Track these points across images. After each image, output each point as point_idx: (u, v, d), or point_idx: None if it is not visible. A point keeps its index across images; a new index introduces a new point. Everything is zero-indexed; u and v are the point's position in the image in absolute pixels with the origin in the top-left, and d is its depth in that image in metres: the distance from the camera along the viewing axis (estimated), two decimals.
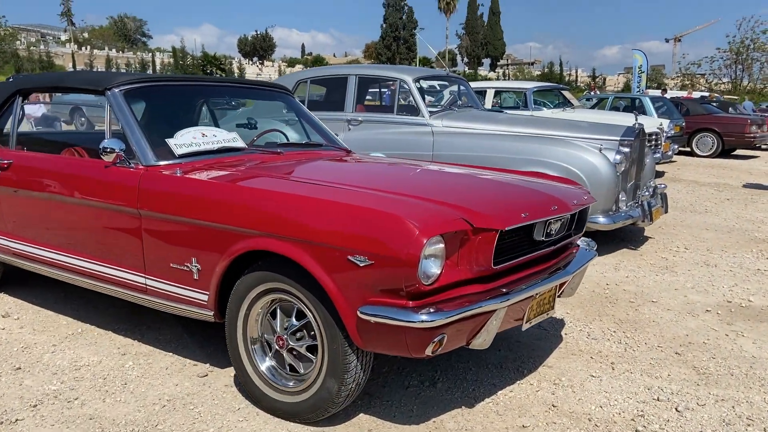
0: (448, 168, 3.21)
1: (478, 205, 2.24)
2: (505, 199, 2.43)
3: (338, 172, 2.93)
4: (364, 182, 2.56)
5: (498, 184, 2.68)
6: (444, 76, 6.35)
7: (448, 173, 3.00)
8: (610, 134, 5.26)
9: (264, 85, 3.92)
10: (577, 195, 2.72)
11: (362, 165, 3.18)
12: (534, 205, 2.38)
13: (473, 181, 2.76)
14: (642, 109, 11.92)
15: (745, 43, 43.67)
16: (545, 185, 2.80)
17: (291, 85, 6.40)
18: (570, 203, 2.53)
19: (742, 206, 7.57)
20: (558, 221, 2.51)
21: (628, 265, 4.82)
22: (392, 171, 3.05)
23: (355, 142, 5.96)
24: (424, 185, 2.57)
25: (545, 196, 2.50)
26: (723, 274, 4.61)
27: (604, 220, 4.90)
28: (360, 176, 2.78)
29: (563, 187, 2.86)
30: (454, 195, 2.39)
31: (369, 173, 2.95)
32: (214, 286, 2.48)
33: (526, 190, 2.60)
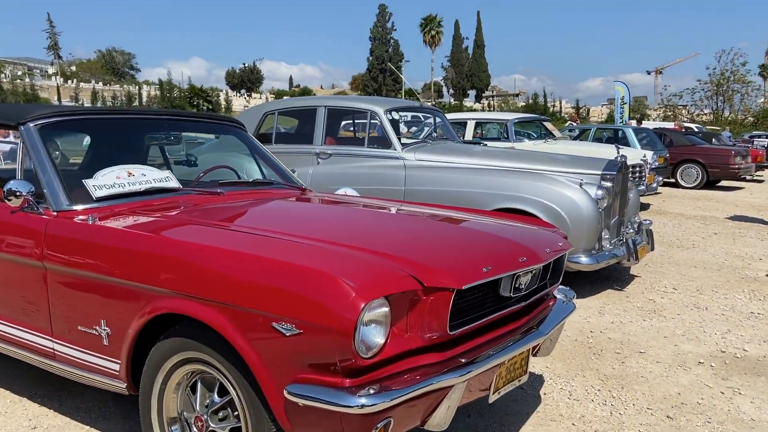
0: (408, 207, 2.89)
1: (431, 258, 1.90)
2: (466, 249, 2.09)
3: (278, 216, 2.59)
4: (303, 230, 2.22)
5: (459, 230, 2.33)
6: (418, 107, 6.09)
7: (404, 217, 2.65)
8: (592, 168, 4.98)
9: (214, 119, 3.59)
10: (551, 241, 2.39)
11: (310, 208, 2.84)
12: (499, 257, 2.05)
13: (431, 226, 2.42)
14: (625, 140, 11.78)
15: (725, 75, 44.49)
16: (515, 230, 2.47)
17: (258, 117, 6.11)
18: (542, 252, 2.20)
19: (730, 241, 7.31)
20: (528, 273, 2.17)
21: (614, 309, 4.48)
22: (341, 215, 2.71)
23: (324, 177, 5.66)
24: (372, 232, 2.22)
25: (513, 245, 2.17)
26: (715, 319, 4.28)
27: (587, 260, 4.58)
28: (301, 222, 2.43)
29: (536, 231, 2.53)
30: (406, 245, 2.06)
31: (313, 218, 2.60)
32: (126, 353, 2.10)
33: (490, 237, 2.26)
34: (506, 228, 2.48)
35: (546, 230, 2.61)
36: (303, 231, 2.17)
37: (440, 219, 2.57)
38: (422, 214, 2.69)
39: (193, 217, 2.36)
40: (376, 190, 5.35)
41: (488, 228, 2.45)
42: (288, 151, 5.93)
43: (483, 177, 4.97)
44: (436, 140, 5.93)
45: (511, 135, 10.03)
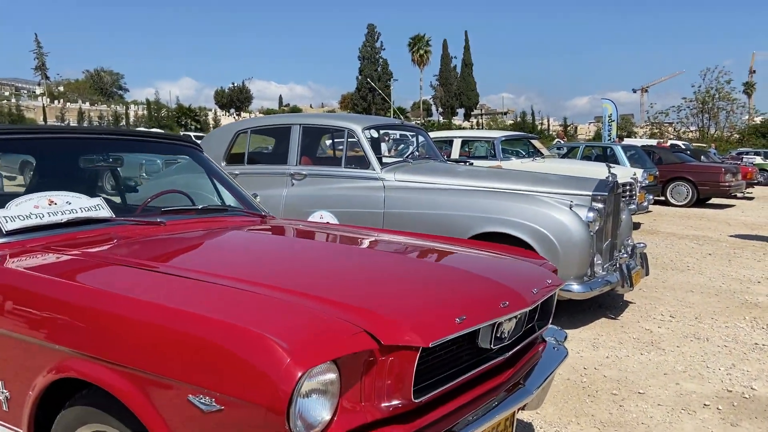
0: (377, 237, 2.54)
1: (393, 307, 1.56)
2: (436, 294, 1.74)
3: (218, 253, 2.23)
4: (242, 271, 1.86)
5: (431, 268, 1.98)
6: (398, 125, 5.80)
7: (369, 252, 2.29)
8: (582, 188, 4.67)
9: (164, 138, 3.24)
10: (539, 278, 2.06)
11: (261, 240, 2.48)
12: (476, 302, 1.71)
13: (398, 264, 2.06)
14: (614, 158, 11.56)
15: (710, 93, 44.93)
16: (498, 265, 2.14)
17: (229, 136, 5.78)
18: (528, 294, 1.86)
19: (725, 262, 7.02)
20: (512, 319, 1.83)
21: (608, 341, 4.14)
22: (295, 250, 2.35)
23: (298, 200, 5.32)
24: (327, 274, 1.86)
25: (494, 287, 1.83)
26: (717, 351, 3.96)
27: (579, 288, 4.25)
28: (244, 260, 2.07)
29: (522, 266, 2.20)
30: (365, 289, 1.71)
31: (261, 254, 2.24)
32: (28, 421, 1.73)
33: (467, 276, 1.91)
34: (487, 263, 2.15)
35: (533, 263, 2.28)
36: (242, 272, 1.82)
37: (411, 253, 2.23)
38: (392, 247, 2.35)
39: (117, 255, 2.00)
40: (353, 213, 5.02)
41: (466, 264, 2.11)
42: (261, 172, 5.60)
43: (466, 199, 4.65)
44: (417, 159, 5.62)
45: (498, 153, 9.78)
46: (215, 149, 5.84)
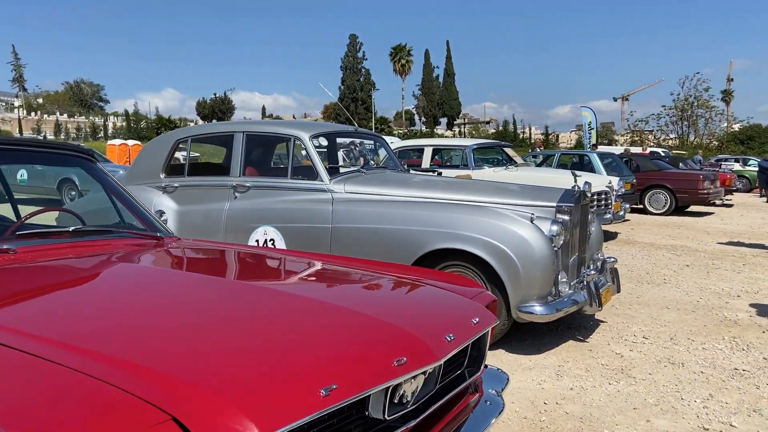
0: (279, 265, 2.11)
1: (230, 380, 1.12)
2: (305, 353, 1.28)
3: (46, 297, 1.74)
4: (53, 326, 1.40)
5: (315, 314, 1.51)
6: (352, 132, 5.39)
7: (248, 292, 1.77)
8: (545, 199, 4.29)
9: (51, 147, 2.77)
10: (461, 320, 1.64)
11: (118, 277, 1.99)
12: (357, 364, 1.28)
13: (276, 311, 1.56)
14: (590, 166, 11.28)
15: (689, 101, 45.29)
16: (414, 304, 1.71)
17: (169, 145, 5.33)
18: (438, 344, 1.44)
19: (703, 274, 6.69)
20: (421, 375, 1.41)
21: (574, 368, 3.74)
22: (151, 291, 1.83)
23: (240, 214, 4.86)
24: (164, 329, 1.37)
25: (391, 337, 1.41)
26: (693, 379, 3.57)
27: (542, 310, 3.85)
28: (68, 308, 1.57)
29: (446, 302, 1.78)
30: (207, 353, 1.26)
31: (100, 299, 1.72)
32: None
33: (360, 323, 1.48)
34: (401, 301, 1.73)
35: (463, 296, 1.86)
36: (52, 326, 1.37)
37: (309, 290, 1.79)
38: (289, 282, 1.90)
39: None
40: (299, 229, 4.59)
41: (370, 304, 1.68)
42: (202, 184, 5.16)
43: (419, 212, 4.24)
44: (372, 169, 5.21)
45: (470, 162, 9.43)
46: (153, 160, 5.40)
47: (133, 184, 5.47)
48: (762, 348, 4.15)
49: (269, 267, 2.13)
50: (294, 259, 2.22)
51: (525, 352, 4.03)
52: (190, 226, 5.04)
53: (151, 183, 5.31)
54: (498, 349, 4.05)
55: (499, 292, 3.92)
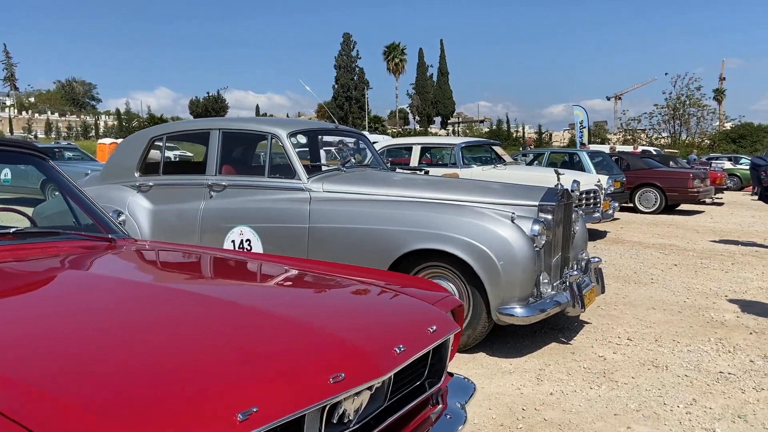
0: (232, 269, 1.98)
1: (114, 402, 0.99)
2: (225, 374, 1.15)
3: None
4: None
5: (251, 325, 1.36)
6: (332, 129, 5.26)
7: (185, 301, 1.60)
8: (527, 198, 4.18)
9: (4, 144, 2.62)
10: (416, 328, 1.52)
11: (54, 286, 1.86)
12: (284, 383, 1.15)
13: (187, 315, 1.41)
14: (580, 164, 11.19)
15: (681, 99, 45.37)
16: (368, 311, 1.59)
17: (144, 143, 5.18)
18: (383, 357, 1.32)
19: (692, 273, 6.60)
20: (362, 393, 1.29)
21: (556, 372, 3.63)
22: (72, 304, 1.67)
23: (216, 213, 4.72)
24: (60, 341, 1.23)
25: (329, 350, 1.28)
26: (677, 383, 3.47)
27: (522, 312, 3.74)
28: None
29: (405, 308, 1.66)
30: (98, 371, 1.13)
31: (31, 310, 1.60)
32: None
33: (288, 334, 1.34)
34: (355, 307, 1.61)
35: (422, 305, 1.74)
36: None
37: (234, 295, 1.64)
38: (238, 288, 1.77)
39: None
40: (276, 229, 4.46)
41: (307, 311, 1.53)
42: (177, 183, 5.02)
43: (399, 211, 4.12)
44: (352, 167, 5.09)
45: (459, 160, 9.33)
46: (128, 158, 5.26)
47: (107, 183, 5.34)
48: (748, 350, 4.06)
49: (215, 271, 2.00)
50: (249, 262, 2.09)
51: (506, 355, 3.92)
52: (164, 227, 4.91)
53: (126, 182, 5.17)
54: (479, 352, 3.94)
55: (479, 294, 3.81)
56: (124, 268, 2.07)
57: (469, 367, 3.69)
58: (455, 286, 3.91)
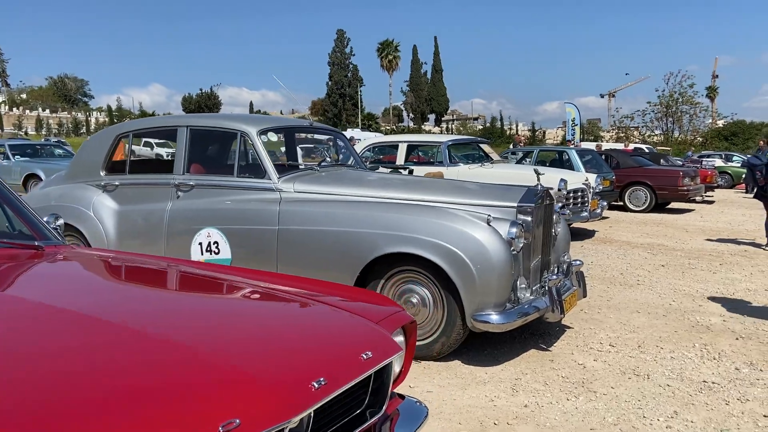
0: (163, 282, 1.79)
1: None
2: (60, 410, 0.95)
3: None
4: None
5: (128, 341, 1.17)
6: (306, 126, 5.07)
7: (64, 316, 1.36)
8: (505, 199, 4.01)
9: None
10: (344, 356, 1.36)
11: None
12: (161, 427, 0.97)
13: (64, 340, 1.21)
14: (569, 162, 11.04)
15: (674, 97, 45.30)
16: (280, 335, 1.41)
17: (110, 140, 4.98)
18: (297, 395, 1.14)
19: (679, 274, 6.46)
20: None
21: (532, 382, 3.47)
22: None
23: (183, 214, 4.50)
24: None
25: (225, 386, 1.10)
26: (658, 393, 3.31)
27: (498, 319, 3.58)
28: None
29: (334, 327, 1.48)
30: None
31: None
32: None
33: (177, 364, 1.15)
34: (267, 331, 1.41)
35: (361, 325, 1.55)
36: None
37: (136, 319, 1.42)
38: (132, 311, 1.54)
39: None
40: (245, 231, 4.28)
41: (213, 335, 1.34)
42: (143, 182, 4.82)
43: (371, 213, 3.95)
44: (327, 166, 4.90)
45: (445, 159, 9.14)
46: (94, 156, 5.06)
47: (72, 182, 5.14)
48: (734, 357, 3.91)
49: (132, 285, 1.81)
50: (178, 274, 1.91)
51: (482, 363, 3.75)
52: (130, 228, 4.72)
53: (91, 181, 4.97)
54: (454, 360, 3.77)
55: (453, 300, 3.64)
56: (31, 283, 1.88)
57: (443, 377, 3.52)
58: (429, 291, 3.75)
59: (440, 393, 3.28)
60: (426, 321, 3.76)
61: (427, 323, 3.76)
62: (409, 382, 3.40)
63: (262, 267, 4.16)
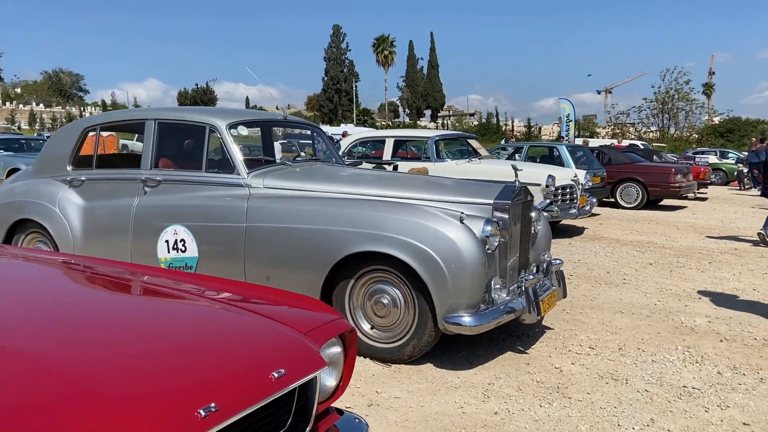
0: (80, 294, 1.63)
1: None
2: None
3: None
4: None
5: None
6: (280, 120, 4.90)
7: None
8: (481, 196, 3.86)
9: None
10: (248, 377, 1.19)
11: None
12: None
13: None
14: (560, 159, 10.89)
15: (670, 93, 45.17)
16: (175, 350, 1.25)
17: (77, 134, 4.81)
18: (181, 425, 0.98)
19: (666, 273, 6.32)
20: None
21: (505, 387, 3.32)
22: None
23: (150, 211, 4.32)
24: None
25: (95, 415, 0.94)
26: (635, 399, 3.17)
27: (470, 321, 3.42)
28: None
29: (246, 341, 1.33)
30: None
31: None
32: None
33: (47, 384, 1.00)
34: (163, 350, 1.25)
35: (281, 338, 1.40)
36: None
37: (18, 334, 1.27)
38: (23, 316, 1.39)
39: None
40: (212, 228, 4.12)
41: (102, 359, 1.17)
42: (110, 178, 4.66)
43: (341, 210, 3.79)
44: (302, 162, 4.74)
45: (432, 154, 8.98)
46: (61, 150, 4.89)
47: (38, 177, 4.97)
48: (717, 360, 3.77)
49: (31, 288, 1.64)
50: (92, 275, 1.74)
51: (455, 366, 3.60)
52: (96, 225, 4.56)
53: (58, 176, 4.80)
54: (426, 363, 3.62)
55: (424, 300, 3.49)
56: None
57: (413, 381, 3.38)
58: (400, 291, 3.60)
59: (408, 399, 3.14)
60: (397, 322, 3.62)
61: (398, 325, 3.62)
62: (377, 388, 3.26)
63: (230, 266, 4.01)
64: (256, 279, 3.94)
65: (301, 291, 3.83)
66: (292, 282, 3.82)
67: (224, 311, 1.45)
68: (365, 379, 3.38)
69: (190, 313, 1.43)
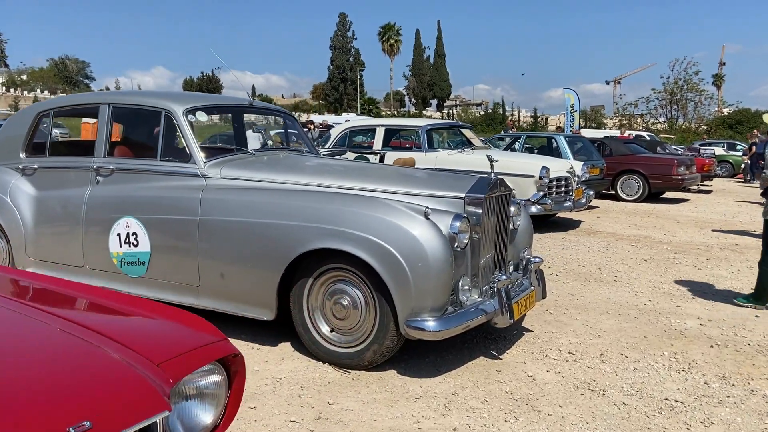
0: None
1: None
2: None
3: None
4: None
5: None
6: (245, 106, 4.60)
7: None
8: (452, 189, 3.55)
9: None
10: (43, 423, 0.90)
11: None
12: None
13: None
14: (558, 149, 10.54)
15: (679, 84, 44.42)
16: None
17: (30, 119, 4.54)
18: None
19: (661, 270, 6.01)
20: None
21: (470, 398, 3.04)
22: None
23: (102, 202, 4.03)
24: None
25: None
26: (611, 414, 2.88)
27: (434, 326, 3.14)
28: None
29: (57, 383, 1.04)
30: None
31: None
32: None
33: None
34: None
35: (125, 365, 1.12)
36: None
37: None
38: None
39: None
40: (164, 221, 3.85)
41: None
42: (62, 166, 4.39)
43: (300, 203, 3.50)
44: (268, 150, 4.44)
45: (423, 144, 8.66)
46: (14, 136, 4.62)
47: None
48: (705, 368, 3.47)
49: None
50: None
51: (420, 374, 3.33)
52: (48, 216, 4.30)
53: (10, 163, 4.54)
54: (389, 370, 3.35)
55: (386, 302, 3.21)
56: None
57: (371, 390, 3.10)
58: (361, 292, 3.31)
59: (361, 412, 2.86)
60: (357, 326, 3.34)
61: (358, 328, 3.34)
62: (330, 398, 2.98)
63: (183, 262, 3.74)
64: (209, 276, 3.67)
65: (257, 290, 3.59)
66: (246, 280, 3.56)
67: (51, 336, 1.17)
68: (319, 388, 3.10)
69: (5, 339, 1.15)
